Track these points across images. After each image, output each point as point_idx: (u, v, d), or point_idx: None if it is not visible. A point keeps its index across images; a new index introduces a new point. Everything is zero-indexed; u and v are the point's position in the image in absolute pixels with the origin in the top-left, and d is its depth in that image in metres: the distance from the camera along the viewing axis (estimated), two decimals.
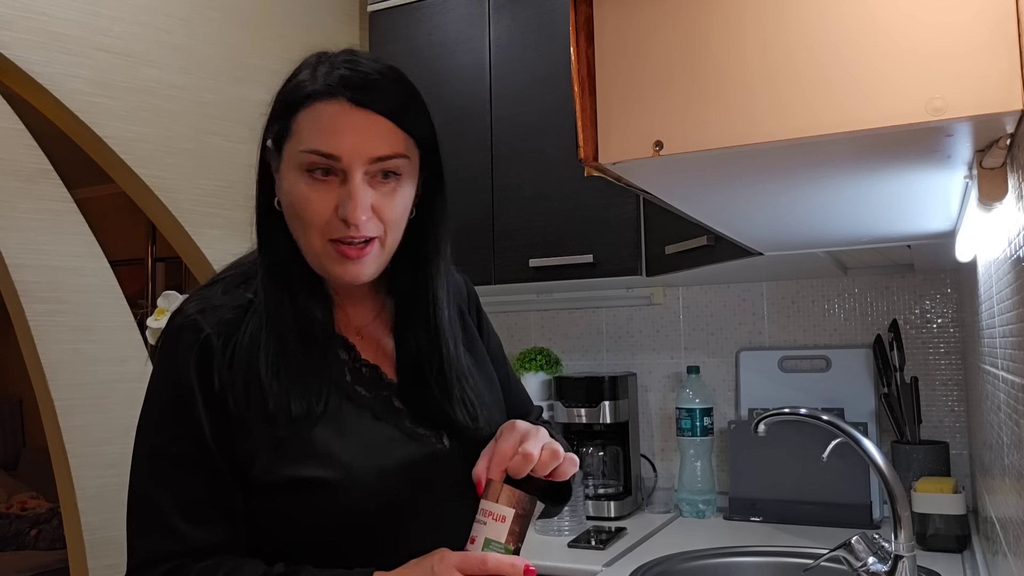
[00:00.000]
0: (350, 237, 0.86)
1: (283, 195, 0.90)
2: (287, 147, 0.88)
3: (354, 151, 0.85)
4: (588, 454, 2.08)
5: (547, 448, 0.85)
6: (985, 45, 0.64)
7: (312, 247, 0.88)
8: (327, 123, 0.85)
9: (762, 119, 0.71)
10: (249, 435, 0.85)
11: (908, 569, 1.22)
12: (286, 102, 0.89)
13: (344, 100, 0.86)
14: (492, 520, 0.82)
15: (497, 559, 0.80)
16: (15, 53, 1.63)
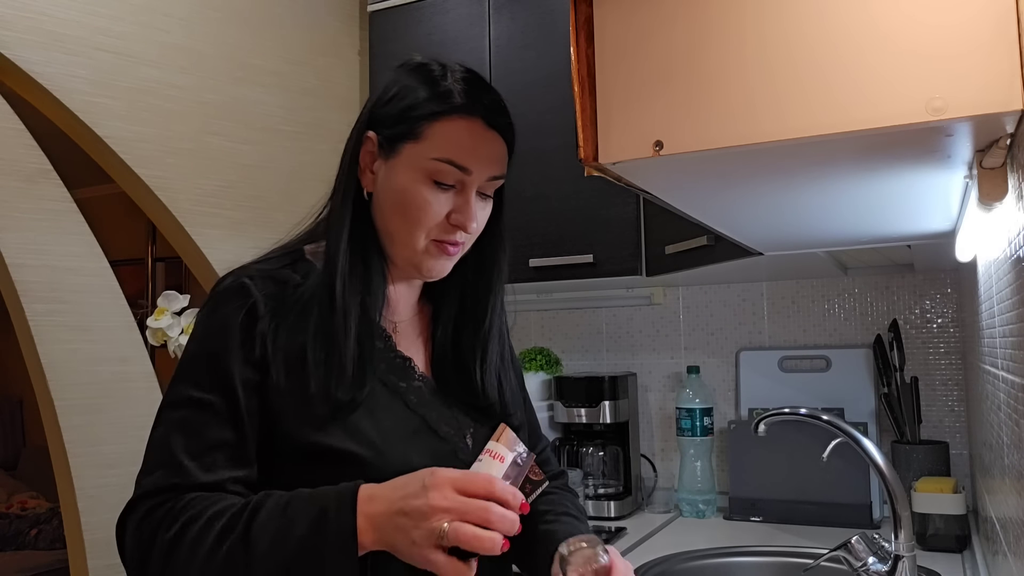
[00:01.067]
0: (455, 240, 0.95)
1: (391, 191, 0.94)
2: (410, 148, 0.93)
3: (483, 169, 0.96)
4: (588, 454, 2.08)
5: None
6: (985, 45, 0.64)
7: (414, 243, 0.94)
8: (466, 140, 0.94)
9: (762, 119, 0.71)
10: (281, 396, 0.87)
11: (908, 569, 1.22)
12: (421, 106, 0.93)
13: (480, 120, 0.95)
14: (490, 458, 0.83)
15: (504, 484, 0.80)
16: (15, 53, 1.63)
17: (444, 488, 0.78)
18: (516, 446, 0.85)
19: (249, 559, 0.78)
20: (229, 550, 0.78)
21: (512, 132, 1.00)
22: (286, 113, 2.16)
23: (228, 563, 0.78)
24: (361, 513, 0.79)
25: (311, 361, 0.88)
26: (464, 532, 0.76)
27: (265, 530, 0.79)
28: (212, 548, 0.79)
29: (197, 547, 0.79)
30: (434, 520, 0.76)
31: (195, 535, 0.80)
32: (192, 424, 0.86)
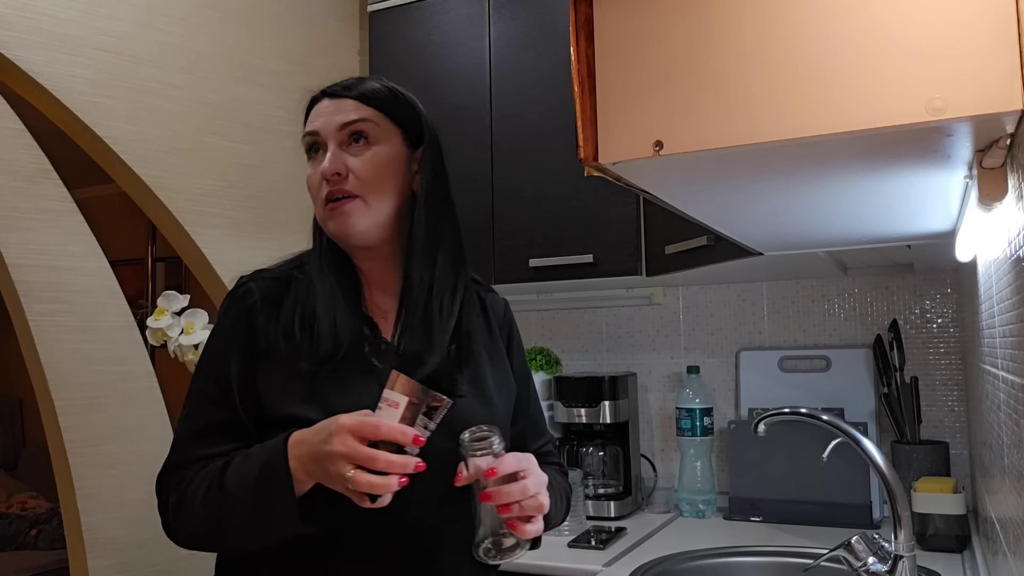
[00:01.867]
0: (332, 193, 1.05)
1: None
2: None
3: (326, 124, 1.07)
4: (588, 454, 2.08)
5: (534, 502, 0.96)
6: (985, 45, 0.64)
7: (319, 214, 1.08)
8: (313, 113, 1.10)
9: (762, 119, 0.71)
10: (270, 378, 1.02)
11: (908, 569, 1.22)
12: (305, 116, 1.11)
13: (323, 98, 1.10)
14: (387, 406, 0.92)
15: (389, 426, 0.90)
16: (15, 53, 1.63)
17: (343, 435, 0.89)
18: (409, 388, 0.92)
19: (224, 499, 0.97)
20: (212, 496, 0.97)
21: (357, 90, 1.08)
22: (286, 113, 2.16)
23: (213, 505, 0.97)
24: (291, 456, 0.93)
25: (297, 330, 1.03)
26: (360, 480, 0.88)
27: (232, 477, 0.97)
28: (203, 498, 0.98)
29: (194, 500, 0.99)
30: (336, 465, 0.89)
31: (191, 493, 0.99)
32: (197, 411, 1.05)
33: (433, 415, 0.93)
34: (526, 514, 0.96)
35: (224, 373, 1.03)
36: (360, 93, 1.08)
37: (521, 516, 0.95)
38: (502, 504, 0.94)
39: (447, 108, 2.18)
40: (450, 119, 2.18)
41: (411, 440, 0.90)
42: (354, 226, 1.05)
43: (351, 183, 1.05)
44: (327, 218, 1.06)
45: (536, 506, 0.96)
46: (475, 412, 1.04)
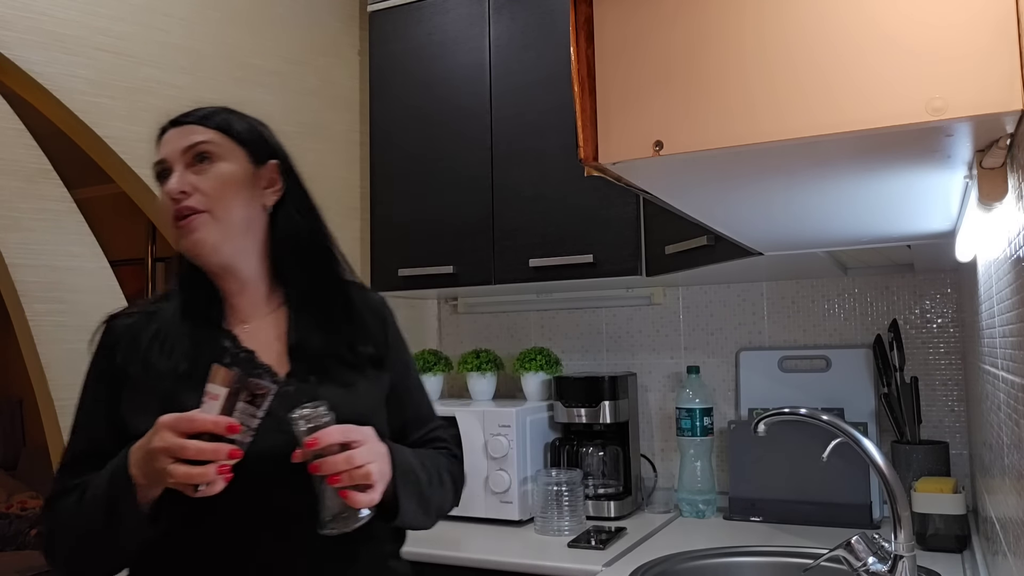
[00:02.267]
0: (179, 211, 1.09)
1: None
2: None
3: (172, 150, 1.12)
4: (588, 454, 2.08)
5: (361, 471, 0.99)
6: (985, 45, 0.64)
7: (171, 236, 1.13)
8: (160, 143, 1.15)
9: (762, 119, 0.71)
10: (132, 402, 1.08)
11: (908, 569, 1.22)
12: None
13: (168, 128, 1.15)
14: (208, 399, 0.96)
15: (203, 417, 0.95)
16: (15, 53, 1.63)
17: (162, 431, 0.94)
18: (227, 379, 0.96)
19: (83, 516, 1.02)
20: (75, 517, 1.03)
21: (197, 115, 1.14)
22: (286, 113, 2.16)
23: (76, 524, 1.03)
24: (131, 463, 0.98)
25: (154, 364, 1.08)
26: (176, 472, 0.93)
27: (89, 494, 1.03)
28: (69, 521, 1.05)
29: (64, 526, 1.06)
30: (158, 460, 0.94)
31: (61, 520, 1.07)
32: (72, 442, 1.13)
33: (259, 403, 0.97)
34: (355, 483, 0.99)
35: (90, 406, 1.12)
36: (200, 117, 1.14)
37: (351, 486, 0.99)
38: (329, 474, 0.98)
39: (447, 108, 2.18)
40: (450, 119, 2.18)
41: (224, 428, 0.94)
42: (203, 241, 1.09)
43: (196, 199, 1.09)
44: (178, 237, 1.11)
45: (363, 474, 0.99)
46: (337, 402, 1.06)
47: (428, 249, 2.19)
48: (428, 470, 1.16)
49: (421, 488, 1.13)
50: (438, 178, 2.19)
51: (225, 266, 1.13)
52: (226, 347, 1.12)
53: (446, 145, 2.19)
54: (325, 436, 0.99)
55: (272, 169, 1.17)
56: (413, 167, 2.23)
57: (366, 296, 1.26)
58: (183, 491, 0.94)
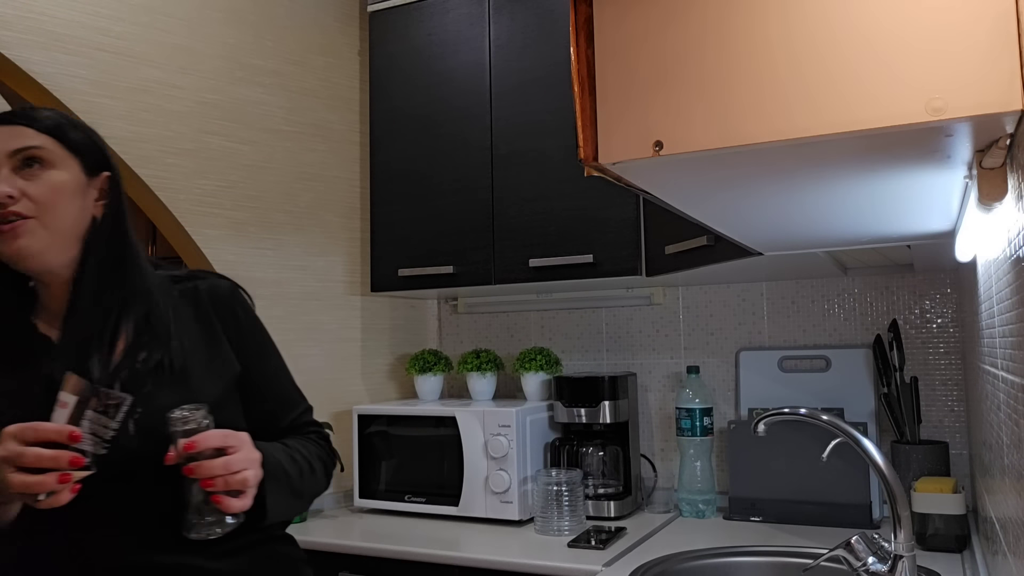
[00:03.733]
0: (4, 215, 1.04)
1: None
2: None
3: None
4: (588, 454, 2.08)
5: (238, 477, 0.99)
6: (985, 45, 0.64)
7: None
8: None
9: (762, 119, 0.72)
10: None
11: (908, 569, 1.22)
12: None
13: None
14: (59, 407, 0.95)
15: (45, 426, 0.93)
16: (15, 53, 1.63)
17: (7, 440, 0.92)
18: (77, 387, 0.96)
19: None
20: None
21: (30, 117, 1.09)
22: (286, 113, 2.16)
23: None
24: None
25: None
26: (14, 481, 0.91)
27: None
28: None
29: None
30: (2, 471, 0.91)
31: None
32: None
33: (112, 413, 0.96)
34: (229, 488, 0.98)
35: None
36: (33, 119, 1.09)
37: (226, 490, 0.98)
38: (204, 478, 0.97)
39: (447, 108, 2.18)
40: (450, 119, 2.18)
41: (67, 437, 0.92)
42: (28, 248, 1.05)
43: (24, 205, 1.05)
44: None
45: (240, 480, 0.99)
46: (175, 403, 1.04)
47: (428, 249, 2.19)
48: (299, 463, 1.16)
49: (292, 483, 1.13)
50: (438, 178, 2.19)
51: (47, 272, 1.10)
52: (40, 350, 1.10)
53: (446, 145, 2.19)
54: (204, 440, 0.98)
55: (103, 181, 1.14)
56: (413, 167, 2.23)
57: (214, 284, 1.24)
58: (27, 502, 0.93)
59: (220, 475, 0.98)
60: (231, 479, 0.98)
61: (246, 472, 1.00)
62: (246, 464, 1.01)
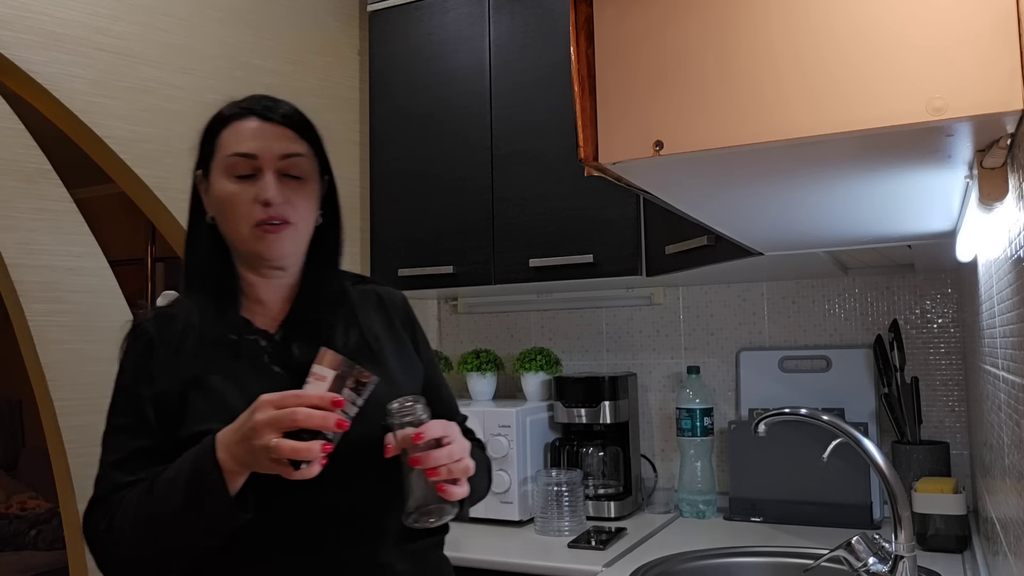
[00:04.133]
0: (270, 217, 1.08)
1: (213, 201, 1.12)
2: (214, 163, 1.12)
3: (266, 149, 1.09)
4: (588, 454, 2.08)
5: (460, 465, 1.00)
6: (985, 45, 0.64)
7: (241, 233, 1.10)
8: (246, 134, 1.10)
9: (762, 119, 0.71)
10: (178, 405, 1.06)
11: (908, 569, 1.22)
12: (208, 131, 1.13)
13: (255, 117, 1.11)
14: (314, 380, 0.96)
15: (308, 393, 0.94)
16: (15, 53, 1.63)
17: (265, 407, 0.93)
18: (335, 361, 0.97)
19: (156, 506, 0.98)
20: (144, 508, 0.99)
21: (295, 120, 1.14)
22: None
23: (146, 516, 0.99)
24: (219, 447, 0.96)
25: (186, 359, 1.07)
26: (283, 446, 0.91)
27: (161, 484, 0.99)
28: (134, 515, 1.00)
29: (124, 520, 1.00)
30: (260, 436, 0.92)
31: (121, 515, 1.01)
32: (115, 444, 1.08)
33: (360, 391, 0.98)
34: (453, 477, 0.99)
35: (138, 406, 1.07)
36: (295, 123, 1.13)
37: (449, 479, 0.99)
38: (430, 467, 0.97)
39: (447, 108, 2.18)
40: (450, 119, 2.18)
41: (330, 403, 0.93)
42: (285, 250, 1.11)
43: (288, 211, 1.09)
44: (255, 239, 1.09)
45: (463, 468, 1.00)
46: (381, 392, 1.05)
47: (428, 249, 2.19)
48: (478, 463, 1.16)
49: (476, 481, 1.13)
50: (438, 178, 2.19)
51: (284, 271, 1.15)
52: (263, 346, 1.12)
53: (446, 145, 2.19)
54: (429, 431, 0.99)
55: (327, 185, 1.19)
56: (413, 167, 2.23)
57: (389, 292, 1.28)
58: (281, 472, 0.92)
59: (444, 464, 0.98)
60: (455, 467, 0.99)
61: (466, 460, 1.01)
62: (464, 453, 1.01)
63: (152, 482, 1.00)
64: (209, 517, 0.96)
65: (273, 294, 1.16)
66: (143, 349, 1.10)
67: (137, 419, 1.07)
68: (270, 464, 0.92)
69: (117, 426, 1.08)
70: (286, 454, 0.91)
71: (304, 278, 1.17)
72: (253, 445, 0.92)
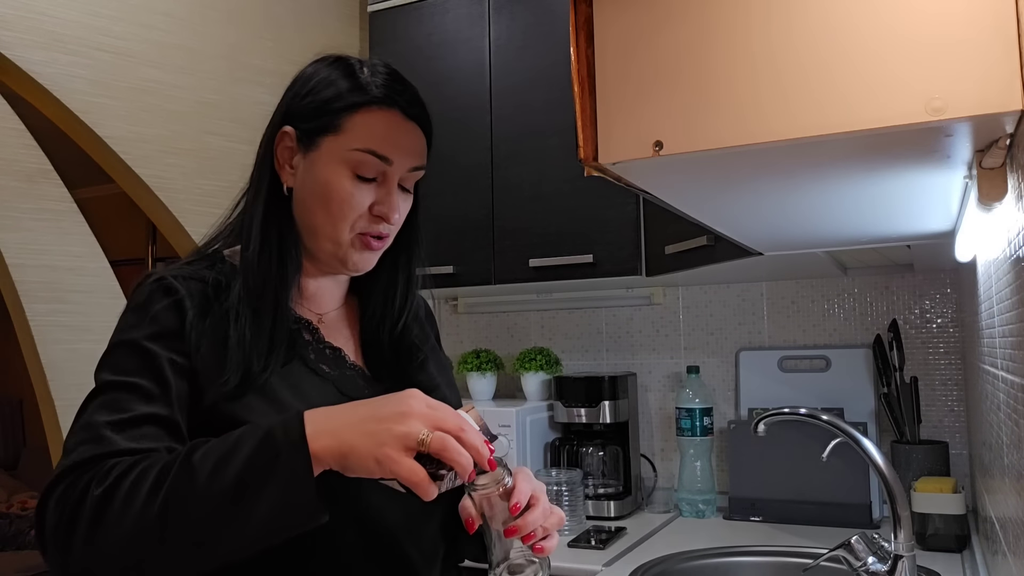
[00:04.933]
0: (379, 232, 0.95)
1: (313, 185, 0.94)
2: (331, 141, 0.94)
3: (403, 159, 0.95)
4: (588, 454, 2.08)
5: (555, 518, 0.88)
6: (985, 45, 0.64)
7: (339, 237, 0.94)
8: (386, 130, 0.94)
9: (762, 119, 0.72)
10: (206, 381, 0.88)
11: (908, 569, 1.22)
12: (340, 99, 0.94)
13: (398, 111, 0.95)
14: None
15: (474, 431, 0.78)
16: (15, 53, 1.63)
17: (421, 399, 0.78)
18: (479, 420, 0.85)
19: (194, 485, 0.73)
20: (171, 484, 0.73)
21: (430, 125, 1.00)
22: None
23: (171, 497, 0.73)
24: (310, 422, 0.76)
25: (232, 346, 0.89)
26: (449, 441, 0.74)
27: (208, 457, 0.75)
28: (152, 489, 0.74)
29: (134, 492, 0.74)
30: (412, 422, 0.75)
31: (131, 484, 0.74)
32: (118, 402, 0.84)
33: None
34: (548, 534, 0.88)
35: (156, 363, 0.86)
36: (427, 125, 1.00)
37: (545, 536, 0.88)
38: (527, 533, 0.85)
39: (447, 108, 2.18)
40: (450, 119, 2.18)
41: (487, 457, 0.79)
42: (372, 265, 0.99)
43: (392, 229, 0.98)
44: (355, 250, 0.96)
45: (558, 520, 0.89)
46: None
47: (428, 249, 2.19)
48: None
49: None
50: (438, 178, 2.19)
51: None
52: (308, 340, 0.98)
53: (446, 145, 2.19)
54: (523, 498, 0.85)
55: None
56: None
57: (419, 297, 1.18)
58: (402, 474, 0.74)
59: (541, 524, 0.86)
60: (549, 523, 0.88)
61: (558, 512, 0.90)
62: (548, 502, 0.89)
63: (188, 456, 0.76)
64: (275, 506, 0.73)
65: (327, 293, 1.03)
66: (173, 306, 0.90)
67: (153, 380, 0.85)
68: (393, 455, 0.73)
69: (121, 383, 0.85)
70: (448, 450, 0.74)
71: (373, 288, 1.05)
72: (392, 429, 0.74)
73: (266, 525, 0.73)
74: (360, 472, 0.75)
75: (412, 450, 0.74)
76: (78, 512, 0.74)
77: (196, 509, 0.73)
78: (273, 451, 0.74)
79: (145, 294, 0.92)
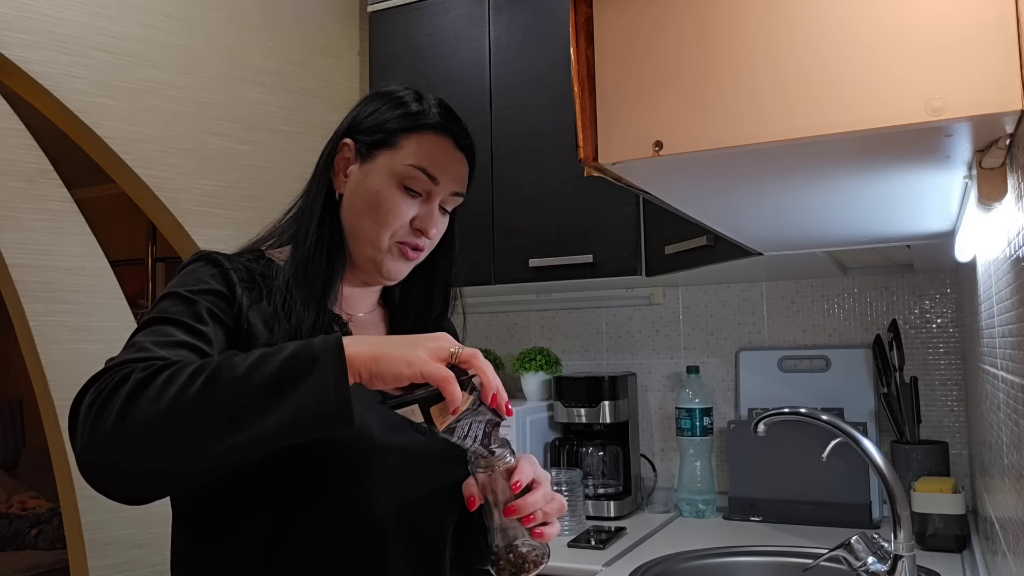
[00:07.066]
0: (416, 243, 1.05)
1: (364, 192, 1.03)
2: (386, 155, 1.03)
3: (449, 182, 1.05)
4: (588, 454, 2.08)
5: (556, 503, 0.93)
6: (985, 45, 0.64)
7: (379, 242, 1.03)
8: (438, 153, 1.04)
9: (762, 119, 0.72)
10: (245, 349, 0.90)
11: (907, 569, 1.22)
12: (400, 120, 1.04)
13: (451, 139, 1.06)
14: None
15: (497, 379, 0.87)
16: (15, 53, 1.63)
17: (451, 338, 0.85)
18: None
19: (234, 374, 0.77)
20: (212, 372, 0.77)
21: (475, 159, 1.10)
22: (286, 113, 2.16)
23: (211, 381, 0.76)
24: (347, 338, 0.80)
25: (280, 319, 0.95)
26: (479, 355, 0.83)
27: (250, 355, 0.79)
28: (193, 374, 0.77)
29: (175, 376, 0.77)
30: (443, 341, 0.83)
31: (174, 371, 0.78)
32: (160, 331, 0.87)
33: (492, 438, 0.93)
34: (548, 519, 0.92)
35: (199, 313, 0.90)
36: (472, 157, 1.09)
37: (545, 521, 0.92)
38: (527, 515, 0.90)
39: None
40: None
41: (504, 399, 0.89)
42: (405, 273, 1.08)
43: (429, 244, 1.08)
44: (392, 257, 1.04)
45: (559, 507, 0.93)
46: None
47: None
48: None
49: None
50: None
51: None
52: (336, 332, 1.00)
53: None
54: (524, 477, 0.90)
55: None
56: None
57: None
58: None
59: (541, 508, 0.91)
60: (550, 508, 0.92)
61: (560, 498, 0.94)
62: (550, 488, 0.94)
63: (229, 352, 0.83)
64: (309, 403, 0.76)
65: (359, 299, 1.10)
66: (220, 275, 0.95)
67: (195, 319, 0.89)
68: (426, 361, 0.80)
69: (164, 318, 0.88)
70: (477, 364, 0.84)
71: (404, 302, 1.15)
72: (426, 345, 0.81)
73: (297, 418, 0.76)
74: (388, 377, 0.80)
75: (443, 360, 0.82)
76: (117, 392, 0.77)
77: (233, 395, 0.76)
78: (312, 354, 0.78)
79: (193, 265, 0.97)
